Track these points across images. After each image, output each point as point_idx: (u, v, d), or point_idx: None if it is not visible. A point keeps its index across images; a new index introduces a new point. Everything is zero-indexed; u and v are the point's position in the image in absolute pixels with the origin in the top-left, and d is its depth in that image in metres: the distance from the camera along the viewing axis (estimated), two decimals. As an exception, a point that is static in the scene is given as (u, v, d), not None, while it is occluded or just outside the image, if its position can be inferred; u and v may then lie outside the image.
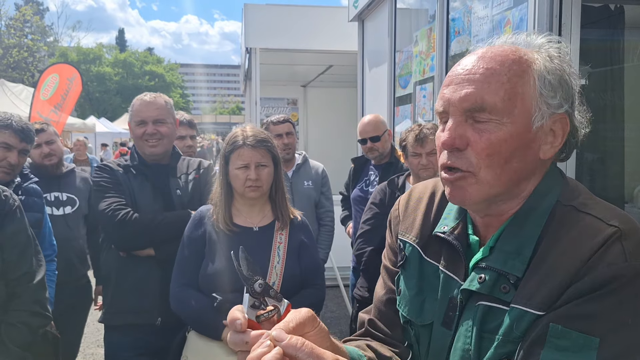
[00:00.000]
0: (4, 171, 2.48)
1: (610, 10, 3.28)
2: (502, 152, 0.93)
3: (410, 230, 1.14)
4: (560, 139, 0.97)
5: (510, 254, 0.94)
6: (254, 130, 2.22)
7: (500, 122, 0.92)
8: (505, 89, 0.92)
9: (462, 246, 1.02)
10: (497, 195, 0.96)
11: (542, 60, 0.95)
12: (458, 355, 0.97)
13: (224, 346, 2.05)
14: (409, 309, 1.11)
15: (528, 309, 0.88)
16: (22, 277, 1.90)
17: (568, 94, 0.96)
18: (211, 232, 2.18)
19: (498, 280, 0.94)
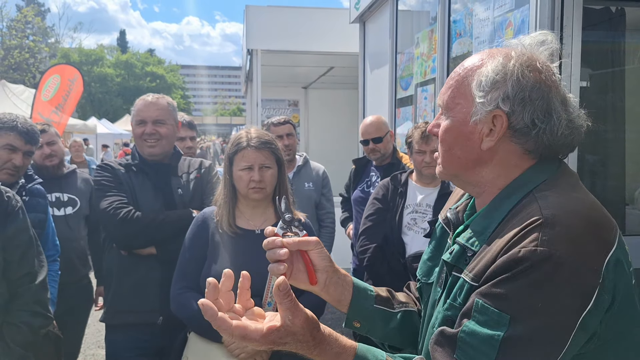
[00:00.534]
0: (8, 173, 2.48)
1: (611, 12, 3.29)
2: (446, 140, 1.16)
3: (444, 211, 1.34)
4: (497, 133, 1.09)
5: (475, 233, 1.10)
6: (258, 132, 2.23)
7: (447, 116, 1.15)
8: (452, 90, 1.15)
9: (455, 220, 1.25)
10: (455, 175, 1.18)
11: (492, 64, 1.10)
12: (434, 315, 1.14)
13: (225, 348, 2.05)
14: (422, 269, 1.33)
15: (467, 280, 1.04)
16: (24, 278, 1.90)
17: (511, 94, 1.07)
18: (214, 234, 2.18)
19: (463, 254, 1.10)
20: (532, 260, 0.93)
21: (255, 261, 2.13)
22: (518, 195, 1.08)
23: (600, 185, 3.47)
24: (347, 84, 8.49)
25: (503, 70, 1.08)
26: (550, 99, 1.08)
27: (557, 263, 0.92)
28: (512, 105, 1.06)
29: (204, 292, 2.06)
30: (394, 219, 2.91)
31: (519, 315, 0.93)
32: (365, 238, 3.01)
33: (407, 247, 2.89)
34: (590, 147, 3.30)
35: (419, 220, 2.90)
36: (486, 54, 1.13)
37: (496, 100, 1.07)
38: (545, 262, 0.92)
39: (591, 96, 3.31)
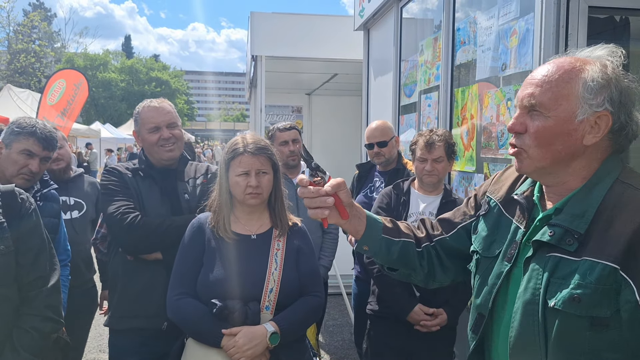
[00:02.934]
0: (24, 178, 2.47)
1: (615, 21, 3.30)
2: (545, 137, 1.27)
3: (497, 192, 1.52)
4: (601, 131, 1.25)
5: (576, 216, 1.25)
6: (254, 137, 2.24)
7: (546, 116, 1.26)
8: (553, 92, 1.26)
9: (527, 204, 1.39)
10: (544, 168, 1.30)
11: (593, 69, 1.25)
12: (529, 293, 1.27)
13: (223, 353, 2.05)
14: (481, 244, 1.49)
15: (600, 260, 1.17)
16: (36, 282, 1.89)
17: (614, 97, 1.24)
18: (210, 240, 2.18)
19: (565, 235, 1.24)
20: None
21: (252, 266, 2.15)
22: (606, 182, 1.26)
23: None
24: (351, 91, 8.50)
25: (606, 75, 1.24)
26: (633, 103, 1.27)
27: None
28: (614, 107, 1.24)
29: (200, 298, 2.09)
30: None
31: None
32: None
33: None
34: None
35: None
36: (574, 60, 1.28)
37: (603, 101, 1.23)
38: None
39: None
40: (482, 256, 1.47)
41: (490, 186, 1.57)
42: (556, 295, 1.21)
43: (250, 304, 2.07)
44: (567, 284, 1.20)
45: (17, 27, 37.99)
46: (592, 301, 1.17)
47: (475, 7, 3.28)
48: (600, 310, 1.17)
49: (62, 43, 47.09)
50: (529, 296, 1.27)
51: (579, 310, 1.18)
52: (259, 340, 2.02)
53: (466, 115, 3.27)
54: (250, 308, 2.06)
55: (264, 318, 2.09)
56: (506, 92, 2.77)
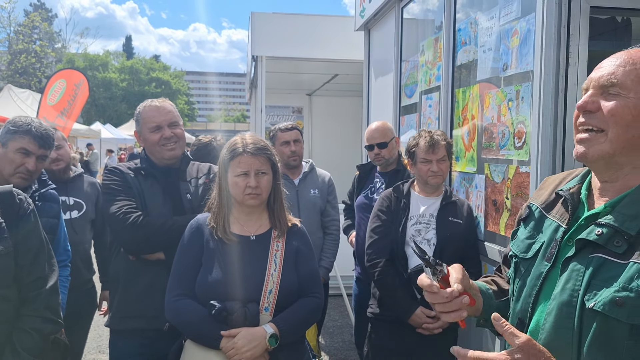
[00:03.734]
0: (21, 177, 2.46)
1: (617, 22, 3.29)
2: (624, 117, 1.20)
3: (539, 198, 1.46)
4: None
5: (628, 217, 1.18)
6: (253, 138, 2.22)
7: (626, 96, 1.21)
8: (637, 73, 1.22)
9: (572, 200, 1.33)
10: (614, 155, 1.22)
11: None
12: (566, 293, 1.21)
13: (222, 355, 2.04)
14: (519, 247, 1.43)
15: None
16: (35, 282, 1.88)
17: None
18: (209, 241, 2.17)
19: (613, 236, 1.17)
20: None
21: (251, 267, 2.14)
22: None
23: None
24: (351, 92, 8.50)
25: None
26: None
27: None
28: None
29: (199, 299, 2.08)
30: (397, 232, 2.88)
31: None
32: (373, 252, 2.94)
33: (408, 259, 2.85)
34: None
35: (422, 231, 2.87)
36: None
37: None
38: None
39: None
40: (521, 258, 1.41)
41: (533, 197, 1.52)
42: (596, 296, 1.15)
43: (249, 305, 2.06)
44: (610, 286, 1.14)
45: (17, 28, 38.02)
46: (636, 307, 1.10)
47: (476, 7, 3.27)
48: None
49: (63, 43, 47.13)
50: (566, 297, 1.21)
51: (621, 315, 1.11)
52: (258, 341, 2.01)
53: (467, 116, 3.26)
54: (249, 309, 2.05)
55: (263, 319, 2.08)
56: (507, 92, 2.76)
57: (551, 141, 2.41)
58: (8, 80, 31.98)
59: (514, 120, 2.68)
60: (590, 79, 1.29)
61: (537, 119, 2.44)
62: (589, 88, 1.28)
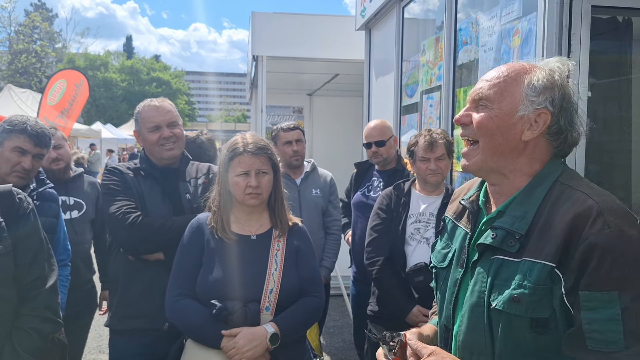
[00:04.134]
0: (18, 176, 2.46)
1: (618, 22, 3.28)
2: (488, 126, 1.33)
3: (451, 210, 1.58)
4: (540, 127, 1.31)
5: (517, 218, 1.29)
6: (254, 137, 2.22)
7: (490, 108, 1.33)
8: (500, 87, 1.34)
9: (472, 208, 1.44)
10: (488, 162, 1.35)
11: (539, 73, 1.33)
12: (475, 296, 1.31)
13: (222, 354, 2.03)
14: (436, 257, 1.54)
15: (538, 260, 1.21)
16: (34, 282, 1.87)
17: (556, 100, 1.31)
18: (209, 240, 2.16)
19: (506, 237, 1.28)
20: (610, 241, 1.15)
21: (251, 267, 2.13)
22: (546, 184, 1.31)
23: (606, 195, 3.44)
24: (352, 92, 8.49)
25: (551, 79, 1.32)
26: (576, 110, 1.34)
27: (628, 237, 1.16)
28: (554, 109, 1.31)
29: (199, 299, 2.08)
30: (397, 230, 2.88)
31: (622, 286, 1.13)
32: (372, 250, 2.95)
33: (407, 258, 2.85)
34: (596, 157, 3.28)
35: (422, 230, 2.87)
36: (526, 65, 1.37)
37: (544, 101, 1.30)
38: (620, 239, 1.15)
39: (597, 105, 3.30)
40: (439, 268, 1.52)
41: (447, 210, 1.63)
42: (499, 296, 1.25)
43: (249, 304, 2.05)
44: (509, 285, 1.23)
45: (18, 27, 38.01)
46: (532, 301, 1.20)
47: (477, 7, 3.27)
48: (540, 311, 1.20)
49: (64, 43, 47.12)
50: (475, 299, 1.30)
51: (519, 311, 1.21)
52: (259, 341, 2.01)
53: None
54: (250, 309, 2.04)
55: (264, 319, 2.07)
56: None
57: (553, 141, 2.40)
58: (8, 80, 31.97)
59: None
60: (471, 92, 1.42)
61: (538, 118, 2.43)
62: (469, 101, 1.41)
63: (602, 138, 3.34)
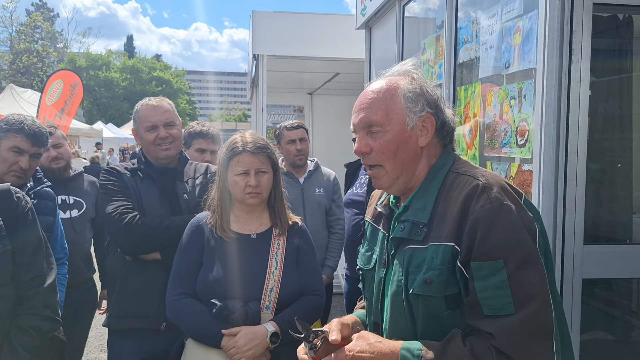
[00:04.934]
0: (15, 175, 2.46)
1: (618, 20, 3.27)
2: (390, 149, 1.42)
3: (369, 213, 1.68)
4: (430, 130, 1.44)
5: (418, 209, 1.41)
6: (253, 136, 2.21)
7: (384, 131, 1.42)
8: (383, 109, 1.42)
9: (386, 211, 1.55)
10: (399, 178, 1.45)
11: (405, 83, 1.44)
12: (394, 285, 1.41)
13: (222, 353, 2.03)
14: (361, 260, 1.63)
15: (441, 242, 1.32)
16: (33, 280, 1.88)
17: (430, 101, 1.44)
18: (209, 239, 2.16)
19: (413, 228, 1.39)
20: (492, 214, 1.27)
21: (252, 266, 2.13)
22: (440, 175, 1.43)
23: (606, 194, 3.43)
24: (353, 90, 8.47)
25: (417, 86, 1.43)
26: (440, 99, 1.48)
27: (508, 209, 1.28)
28: (432, 108, 1.43)
29: (200, 298, 2.08)
30: None
31: (506, 254, 1.24)
32: None
33: None
34: (597, 155, 3.28)
35: None
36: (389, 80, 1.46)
37: (423, 107, 1.42)
38: (501, 212, 1.27)
39: (597, 104, 3.29)
40: (365, 270, 1.59)
41: (366, 214, 1.71)
42: (414, 282, 1.34)
43: (250, 303, 2.05)
44: (420, 270, 1.33)
45: (19, 27, 38.06)
46: (441, 281, 1.30)
47: (477, 5, 3.26)
48: (451, 288, 1.30)
49: (65, 43, 47.15)
50: (394, 288, 1.40)
51: (433, 292, 1.31)
52: (259, 340, 2.01)
53: (469, 114, 3.24)
54: (250, 308, 2.04)
55: (264, 318, 2.07)
56: (509, 90, 2.74)
57: (554, 139, 2.39)
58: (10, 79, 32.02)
59: (516, 118, 2.67)
60: (353, 124, 1.50)
61: (539, 116, 2.42)
62: (356, 131, 1.49)
63: (603, 136, 3.33)
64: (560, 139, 2.40)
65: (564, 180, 2.33)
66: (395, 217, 1.49)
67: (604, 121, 3.22)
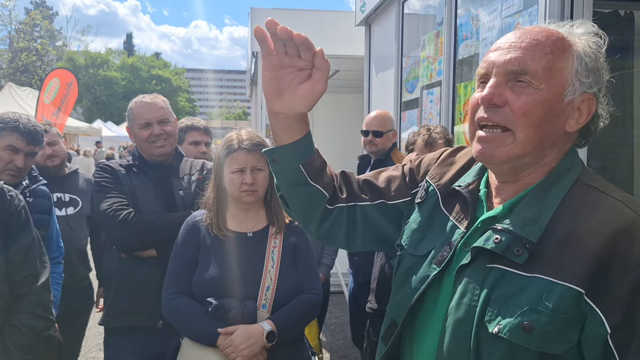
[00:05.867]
0: (10, 174, 2.45)
1: (620, 16, 3.25)
2: (536, 114, 1.02)
3: (440, 178, 1.24)
4: (585, 117, 1.06)
5: (528, 221, 1.02)
6: (249, 134, 2.19)
7: (537, 88, 1.02)
8: (548, 59, 1.02)
9: (472, 199, 1.14)
10: (524, 156, 1.05)
11: (582, 45, 1.05)
12: (462, 310, 1.04)
13: (219, 353, 2.01)
14: (409, 238, 1.22)
15: (559, 281, 0.95)
16: (26, 279, 1.87)
17: (599, 80, 1.06)
18: (205, 238, 2.14)
19: (513, 243, 1.01)
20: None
21: (248, 264, 2.11)
22: (566, 182, 1.06)
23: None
24: (352, 88, 8.46)
25: (598, 57, 1.06)
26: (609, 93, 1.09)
27: None
28: (600, 92, 1.07)
29: (196, 297, 2.06)
30: None
31: None
32: None
33: None
34: (597, 152, 3.26)
35: None
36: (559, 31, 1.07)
37: (593, 83, 1.05)
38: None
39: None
40: (408, 253, 1.21)
41: (434, 167, 1.28)
42: (498, 319, 0.99)
43: (246, 302, 2.03)
44: (515, 305, 0.98)
45: (18, 26, 38.05)
46: (547, 332, 0.95)
47: (477, 1, 3.24)
48: (554, 346, 0.95)
49: (64, 41, 47.15)
50: (461, 314, 1.04)
51: (529, 343, 0.96)
52: (256, 339, 1.99)
53: (469, 111, 3.22)
54: (247, 306, 2.02)
55: (261, 316, 2.05)
56: (509, 86, 2.73)
57: (554, 135, 2.37)
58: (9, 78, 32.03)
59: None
60: (491, 63, 1.06)
61: (539, 113, 2.41)
62: (491, 74, 1.06)
63: (604, 133, 3.31)
64: (561, 135, 2.37)
65: (565, 177, 2.31)
66: (485, 219, 1.09)
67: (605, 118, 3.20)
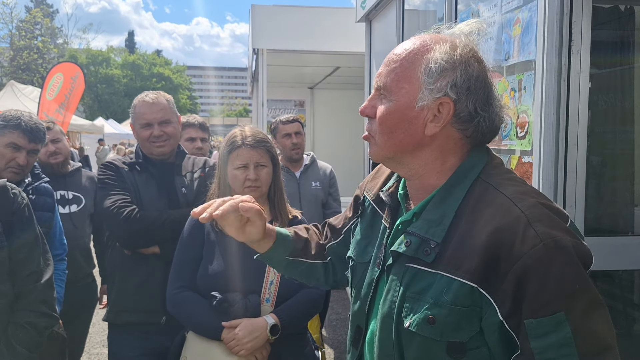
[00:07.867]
0: (13, 171, 2.46)
1: (620, 11, 3.25)
2: (387, 123, 1.13)
3: (372, 189, 1.37)
4: (442, 120, 1.10)
5: (432, 223, 1.10)
6: (252, 130, 2.21)
7: (389, 99, 1.13)
8: (396, 72, 1.13)
9: (391, 202, 1.25)
10: (389, 157, 1.17)
11: (438, 50, 1.10)
12: (387, 305, 1.14)
13: (223, 346, 2.04)
14: (355, 249, 1.34)
15: (456, 277, 1.03)
16: (30, 276, 1.88)
17: (459, 82, 1.09)
18: (209, 233, 2.17)
19: (421, 245, 1.10)
20: (545, 258, 0.98)
21: (252, 260, 2.12)
22: (466, 182, 1.12)
23: (607, 187, 3.43)
24: (353, 84, 8.48)
25: (451, 58, 1.09)
26: (490, 89, 1.13)
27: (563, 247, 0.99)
28: (458, 93, 1.09)
29: (200, 292, 2.08)
30: None
31: (567, 305, 0.98)
32: None
33: None
34: (598, 147, 3.27)
35: None
36: (429, 39, 1.13)
37: (445, 87, 1.08)
38: (555, 252, 0.98)
39: (598, 96, 3.28)
40: (357, 262, 1.32)
41: (368, 182, 1.41)
42: (410, 314, 1.08)
43: (250, 296, 2.06)
44: (423, 301, 1.07)
45: (19, 24, 38.04)
46: (449, 323, 1.04)
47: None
48: (458, 334, 1.04)
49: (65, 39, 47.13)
50: (386, 309, 1.14)
51: (435, 334, 1.05)
52: (259, 332, 2.01)
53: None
54: (250, 300, 2.05)
55: (264, 310, 2.07)
56: (510, 81, 2.74)
57: (554, 130, 2.38)
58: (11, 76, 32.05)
59: (516, 110, 2.66)
60: None
61: (539, 108, 2.41)
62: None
63: (604, 129, 3.32)
64: (560, 131, 2.39)
65: (564, 173, 2.33)
66: (400, 223, 1.19)
67: (604, 113, 3.21)
